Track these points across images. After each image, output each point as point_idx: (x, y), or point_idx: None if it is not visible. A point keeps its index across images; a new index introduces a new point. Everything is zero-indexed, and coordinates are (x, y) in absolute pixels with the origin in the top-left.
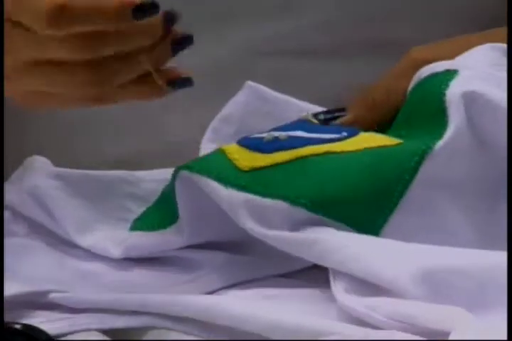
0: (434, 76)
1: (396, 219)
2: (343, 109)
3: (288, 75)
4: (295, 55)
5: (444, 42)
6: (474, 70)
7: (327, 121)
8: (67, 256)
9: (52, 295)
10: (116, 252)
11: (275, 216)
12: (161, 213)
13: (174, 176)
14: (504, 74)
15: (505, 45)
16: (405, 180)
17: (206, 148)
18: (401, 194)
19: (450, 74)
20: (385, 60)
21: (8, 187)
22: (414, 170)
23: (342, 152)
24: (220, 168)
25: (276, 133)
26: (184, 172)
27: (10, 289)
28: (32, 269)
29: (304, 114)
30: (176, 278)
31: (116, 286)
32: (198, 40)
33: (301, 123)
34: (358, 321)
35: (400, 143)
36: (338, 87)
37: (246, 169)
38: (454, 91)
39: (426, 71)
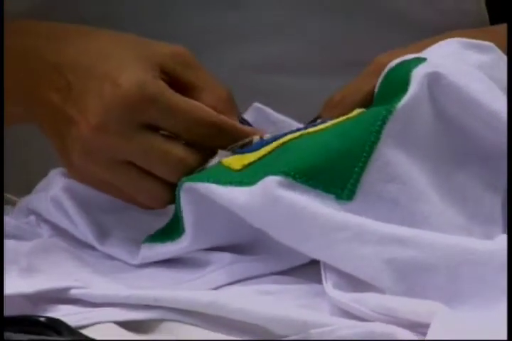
0: (404, 62)
1: (367, 178)
2: (319, 117)
3: (283, 92)
4: (289, 73)
5: (406, 48)
6: (443, 59)
7: None
8: (87, 255)
9: (73, 291)
10: (133, 262)
11: (267, 191)
12: (171, 227)
13: (179, 189)
14: (469, 66)
15: (468, 40)
16: (371, 142)
17: (211, 162)
18: (369, 154)
19: (419, 60)
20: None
21: (34, 195)
22: (378, 132)
23: (315, 131)
24: (217, 173)
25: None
26: (186, 184)
27: (34, 286)
28: (55, 267)
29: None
30: (185, 275)
31: (132, 283)
32: (198, 59)
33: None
34: (347, 314)
35: (363, 112)
36: None
37: (238, 167)
38: (419, 71)
39: (396, 61)
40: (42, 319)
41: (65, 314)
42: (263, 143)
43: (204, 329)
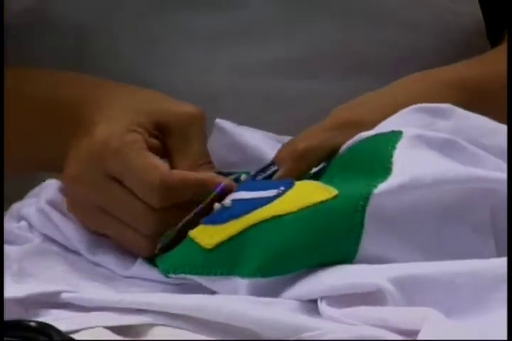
0: (379, 135)
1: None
2: (273, 163)
3: (281, 96)
4: (287, 76)
5: (363, 102)
6: (415, 131)
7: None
8: (78, 260)
9: (64, 295)
10: (124, 273)
11: (255, 289)
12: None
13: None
14: (435, 133)
15: (429, 106)
16: (356, 233)
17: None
18: (353, 256)
19: (395, 135)
20: (371, 81)
21: (25, 202)
22: (361, 225)
23: (287, 214)
24: (190, 256)
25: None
26: (169, 275)
27: (25, 290)
28: (45, 271)
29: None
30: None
31: (123, 289)
32: (190, 61)
33: (245, 183)
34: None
35: (336, 196)
36: (326, 107)
37: (209, 247)
38: (401, 157)
39: (370, 133)
40: (33, 324)
41: (56, 318)
42: (225, 213)
43: (195, 333)
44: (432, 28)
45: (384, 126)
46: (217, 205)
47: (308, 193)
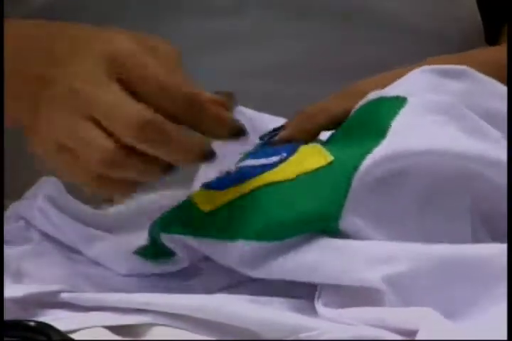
0: (384, 100)
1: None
2: (282, 127)
3: (279, 98)
4: (287, 79)
5: (386, 75)
6: (420, 98)
7: (270, 139)
8: (76, 260)
9: (63, 295)
10: (121, 272)
11: (246, 254)
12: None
13: (157, 233)
14: (443, 97)
15: (441, 66)
16: (341, 200)
17: (205, 170)
18: (341, 207)
19: (399, 101)
20: None
21: (23, 201)
22: (346, 191)
23: (285, 181)
24: (189, 218)
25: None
26: (164, 235)
27: (24, 289)
28: (44, 271)
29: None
30: (174, 281)
31: (122, 288)
32: (194, 62)
33: (253, 153)
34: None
35: (331, 162)
36: None
37: (208, 208)
38: (400, 122)
39: (375, 94)
40: (32, 323)
41: (55, 318)
42: (226, 179)
43: (195, 333)
44: (431, 31)
45: (393, 88)
46: (221, 171)
47: (307, 159)
